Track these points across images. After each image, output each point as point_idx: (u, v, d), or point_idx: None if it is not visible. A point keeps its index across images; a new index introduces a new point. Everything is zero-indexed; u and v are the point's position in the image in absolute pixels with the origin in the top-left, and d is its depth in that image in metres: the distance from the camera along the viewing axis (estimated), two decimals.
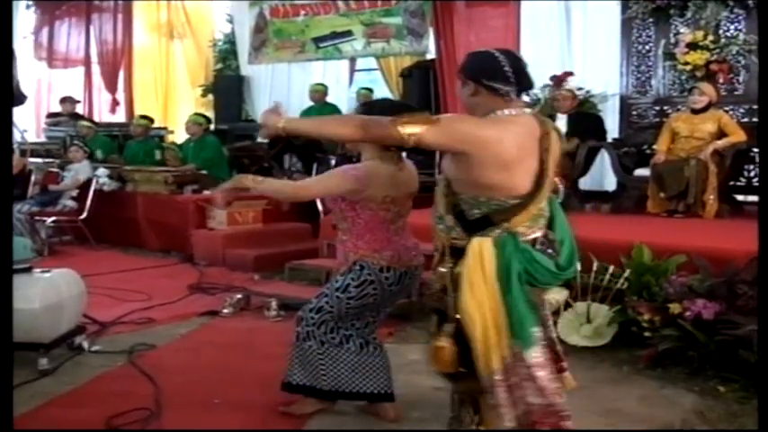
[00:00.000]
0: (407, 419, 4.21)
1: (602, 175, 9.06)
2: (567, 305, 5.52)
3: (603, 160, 8.71)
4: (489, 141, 2.92)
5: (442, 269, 3.12)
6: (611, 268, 5.46)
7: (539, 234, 3.07)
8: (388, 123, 2.98)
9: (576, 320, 5.45)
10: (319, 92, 11.65)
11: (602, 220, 7.64)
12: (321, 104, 11.54)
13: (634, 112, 8.95)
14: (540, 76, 9.32)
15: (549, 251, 3.07)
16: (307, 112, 11.34)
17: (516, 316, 2.94)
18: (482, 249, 2.96)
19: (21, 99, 5.89)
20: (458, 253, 3.04)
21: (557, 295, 5.47)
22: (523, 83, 3.10)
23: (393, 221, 3.98)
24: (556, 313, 5.49)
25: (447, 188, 3.10)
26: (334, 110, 11.62)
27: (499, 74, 3.04)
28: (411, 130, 2.93)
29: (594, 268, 5.48)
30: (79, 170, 9.95)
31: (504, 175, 2.96)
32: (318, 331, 4.06)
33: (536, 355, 2.99)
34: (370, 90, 11.92)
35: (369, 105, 4.22)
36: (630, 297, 5.30)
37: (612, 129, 8.82)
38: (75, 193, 9.90)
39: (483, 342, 2.95)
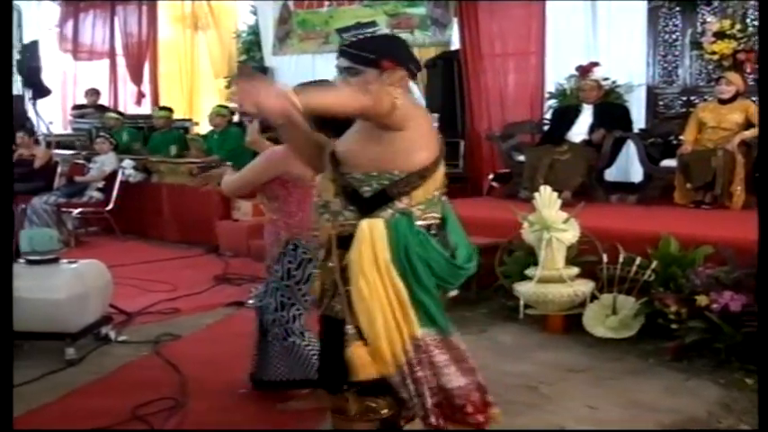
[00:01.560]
0: None
1: (628, 165, 8.97)
2: (593, 297, 5.49)
3: (629, 151, 8.63)
4: (422, 117, 2.89)
5: (330, 264, 2.88)
6: (638, 259, 5.41)
7: (433, 222, 2.88)
8: (381, 90, 2.74)
9: (601, 312, 5.42)
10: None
11: (628, 211, 7.58)
12: None
13: (660, 103, 8.86)
14: (565, 66, 9.29)
15: (445, 242, 2.89)
16: None
17: (430, 299, 2.76)
18: (372, 231, 2.74)
19: (45, 91, 5.92)
20: (346, 243, 2.81)
21: (582, 287, 5.48)
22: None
23: (312, 197, 3.93)
24: (582, 305, 5.49)
25: (334, 171, 2.90)
26: None
27: (413, 57, 3.03)
28: (395, 94, 2.74)
29: (621, 260, 5.44)
30: (105, 162, 10.01)
31: (424, 155, 2.83)
32: (294, 326, 4.15)
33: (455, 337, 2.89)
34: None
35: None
36: (657, 289, 5.25)
37: (638, 119, 8.72)
38: (101, 184, 9.96)
39: (386, 336, 2.73)
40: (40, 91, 5.77)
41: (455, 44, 10.65)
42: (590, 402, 4.19)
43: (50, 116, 12.44)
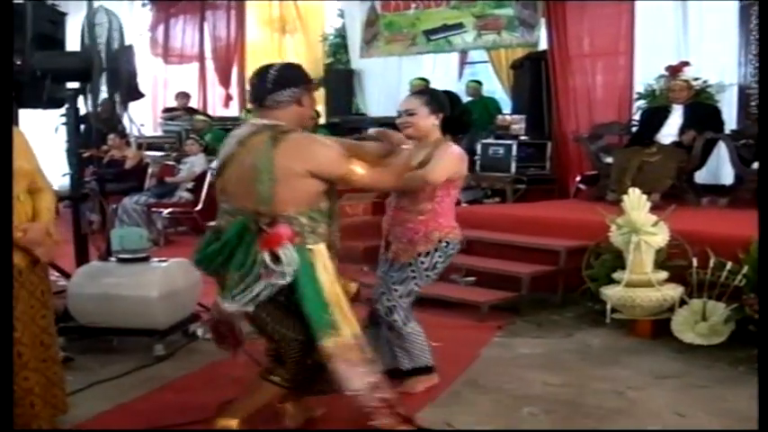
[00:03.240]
0: (515, 416, 4.17)
1: (719, 167, 8.77)
2: (682, 302, 5.37)
3: (720, 152, 8.43)
4: None
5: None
6: (729, 264, 5.28)
7: None
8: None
9: (690, 318, 5.30)
10: (420, 86, 11.58)
11: (719, 215, 7.41)
12: None
13: (753, 103, 8.63)
14: (654, 65, 9.12)
15: None
16: None
17: None
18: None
19: (138, 95, 6.06)
20: None
21: (671, 292, 5.36)
22: None
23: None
24: (671, 310, 5.37)
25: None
26: None
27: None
28: None
29: (711, 264, 5.31)
30: (195, 163, 10.21)
31: None
32: (410, 313, 4.38)
33: None
34: (479, 82, 11.83)
35: None
36: (748, 294, 5.11)
37: (730, 120, 8.52)
38: (190, 185, 10.16)
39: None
40: (134, 94, 5.90)
41: (543, 45, 10.55)
42: (678, 410, 4.10)
43: (141, 119, 12.75)
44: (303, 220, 3.49)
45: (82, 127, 6.26)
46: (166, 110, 13.96)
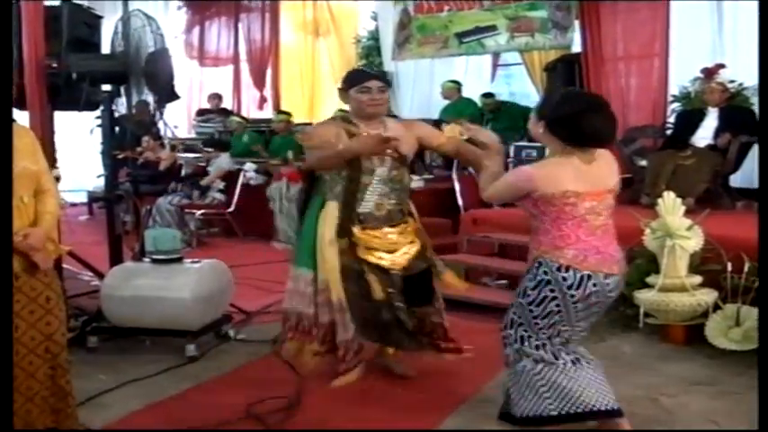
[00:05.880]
0: None
1: (754, 171, 8.67)
2: (717, 307, 5.31)
3: (755, 156, 8.34)
4: None
5: None
6: None
7: None
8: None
9: (724, 323, 5.23)
10: (451, 89, 11.58)
11: (754, 219, 7.30)
12: (456, 100, 11.49)
13: None
14: (690, 68, 9.04)
15: None
16: (445, 111, 11.32)
17: None
18: None
19: (174, 96, 6.12)
20: None
21: (705, 297, 5.31)
22: None
23: (585, 219, 3.53)
24: (704, 315, 5.32)
25: None
26: (470, 105, 11.54)
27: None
28: None
29: (746, 269, 5.24)
30: (221, 162, 10.29)
31: None
32: (525, 348, 3.65)
33: None
34: (458, 83, 11.71)
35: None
36: None
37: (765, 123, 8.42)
38: (221, 185, 10.22)
39: None
40: (170, 96, 5.95)
41: (576, 47, 10.49)
42: (713, 417, 4.05)
43: (175, 121, 12.85)
44: (326, 177, 4.64)
45: (116, 129, 6.33)
46: (200, 112, 14.08)
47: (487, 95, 11.59)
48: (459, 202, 8.24)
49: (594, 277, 3.49)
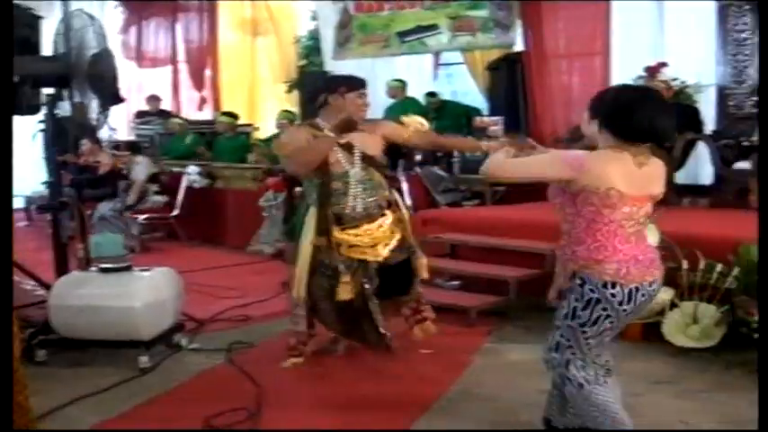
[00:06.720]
0: (516, 424, 4.11)
1: (698, 168, 8.78)
2: (673, 305, 5.34)
3: (698, 153, 8.44)
4: None
5: None
6: (719, 266, 5.25)
7: None
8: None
9: (682, 321, 5.26)
10: (397, 88, 11.52)
11: (703, 216, 7.41)
12: (402, 100, 11.44)
13: (731, 103, 8.63)
14: (632, 66, 9.11)
15: None
16: (390, 110, 11.26)
17: None
18: None
19: (118, 99, 5.95)
20: None
21: (663, 295, 5.32)
22: None
23: (621, 225, 3.29)
24: (661, 313, 5.33)
25: None
26: (415, 104, 11.50)
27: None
28: None
29: (701, 266, 5.28)
30: (138, 174, 9.99)
31: None
32: (568, 373, 3.43)
33: None
34: (402, 82, 11.68)
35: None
36: (740, 297, 5.09)
37: (708, 120, 8.54)
38: (155, 188, 10.03)
39: None
40: (115, 99, 5.77)
41: (519, 46, 10.52)
42: (682, 417, 4.05)
43: (114, 123, 12.57)
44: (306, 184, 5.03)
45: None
46: (139, 114, 13.81)
47: (431, 94, 11.57)
48: (408, 202, 8.16)
49: (642, 288, 3.31)
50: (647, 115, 3.26)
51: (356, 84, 5.00)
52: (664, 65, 8.81)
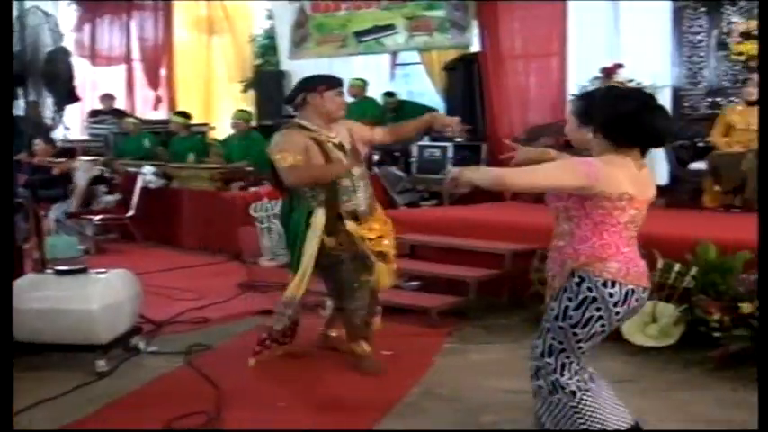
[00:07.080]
0: (479, 424, 4.11)
1: (651, 168, 8.86)
2: None
3: (653, 154, 8.51)
4: None
5: None
6: (677, 266, 5.30)
7: None
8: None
9: (640, 320, 5.28)
10: (358, 87, 11.49)
11: (659, 215, 7.38)
12: (360, 99, 11.42)
13: (686, 104, 8.78)
14: (588, 67, 9.20)
15: None
16: (349, 109, 11.21)
17: None
18: None
19: (74, 98, 5.88)
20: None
21: None
22: None
23: (626, 227, 3.26)
24: None
25: None
26: (373, 104, 11.50)
27: None
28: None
29: (659, 266, 5.32)
30: (78, 179, 9.79)
31: None
32: (562, 379, 3.33)
33: None
34: (364, 81, 11.68)
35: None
36: (696, 295, 5.15)
37: None
38: (104, 188, 9.89)
39: None
40: (71, 98, 5.69)
41: (475, 46, 10.56)
42: (643, 416, 4.06)
43: (68, 122, 12.40)
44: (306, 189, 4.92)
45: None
46: (93, 113, 13.61)
47: (389, 94, 11.57)
48: None
49: (636, 292, 3.25)
50: (651, 123, 3.22)
51: (334, 83, 5.08)
52: (620, 66, 8.92)
